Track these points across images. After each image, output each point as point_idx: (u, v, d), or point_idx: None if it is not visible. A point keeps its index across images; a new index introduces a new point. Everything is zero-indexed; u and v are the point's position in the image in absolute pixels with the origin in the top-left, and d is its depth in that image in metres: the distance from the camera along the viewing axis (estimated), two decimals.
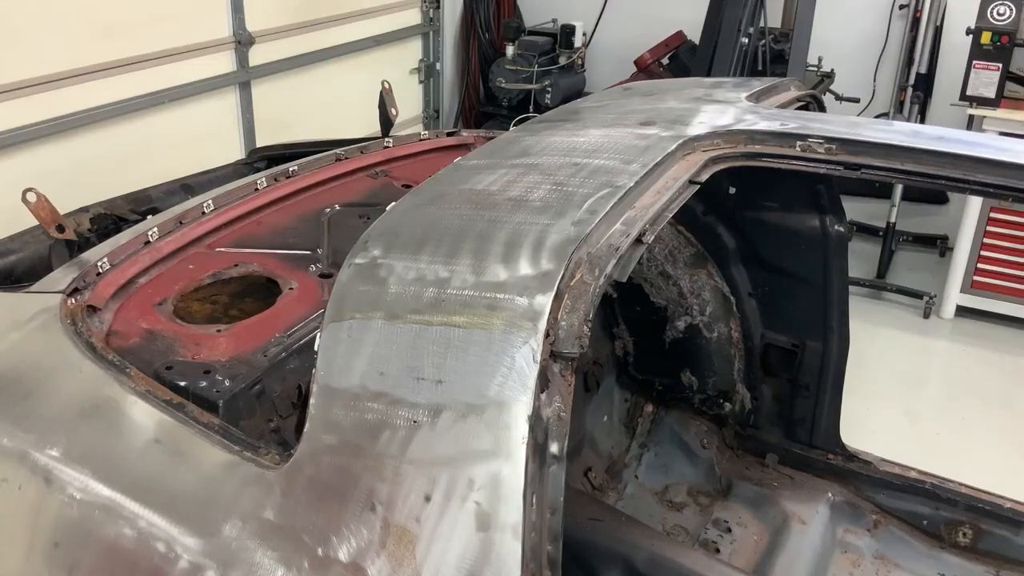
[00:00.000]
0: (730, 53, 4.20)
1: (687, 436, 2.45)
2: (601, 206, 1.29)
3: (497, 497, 1.02)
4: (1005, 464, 3.28)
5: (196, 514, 1.22)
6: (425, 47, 5.46)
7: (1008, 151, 1.54)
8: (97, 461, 1.32)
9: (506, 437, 1.04)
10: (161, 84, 3.56)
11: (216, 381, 1.42)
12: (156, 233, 1.83)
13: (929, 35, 4.56)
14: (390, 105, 2.55)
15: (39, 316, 1.56)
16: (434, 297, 1.17)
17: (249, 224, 2.00)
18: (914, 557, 2.20)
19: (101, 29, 3.28)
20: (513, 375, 1.07)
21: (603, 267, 1.18)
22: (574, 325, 1.11)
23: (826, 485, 2.30)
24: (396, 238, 1.30)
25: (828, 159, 1.60)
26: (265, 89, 4.14)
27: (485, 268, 1.19)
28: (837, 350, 2.22)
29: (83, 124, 3.27)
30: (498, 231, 1.25)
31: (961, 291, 4.32)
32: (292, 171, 2.18)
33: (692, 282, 2.28)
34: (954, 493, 2.17)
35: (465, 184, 1.45)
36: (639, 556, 1.81)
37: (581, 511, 1.87)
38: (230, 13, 3.87)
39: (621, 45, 5.39)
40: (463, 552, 1.02)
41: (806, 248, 2.13)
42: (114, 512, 1.25)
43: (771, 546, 2.21)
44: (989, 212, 4.15)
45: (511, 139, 1.71)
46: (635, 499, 2.39)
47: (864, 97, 4.84)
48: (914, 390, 3.86)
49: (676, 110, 1.81)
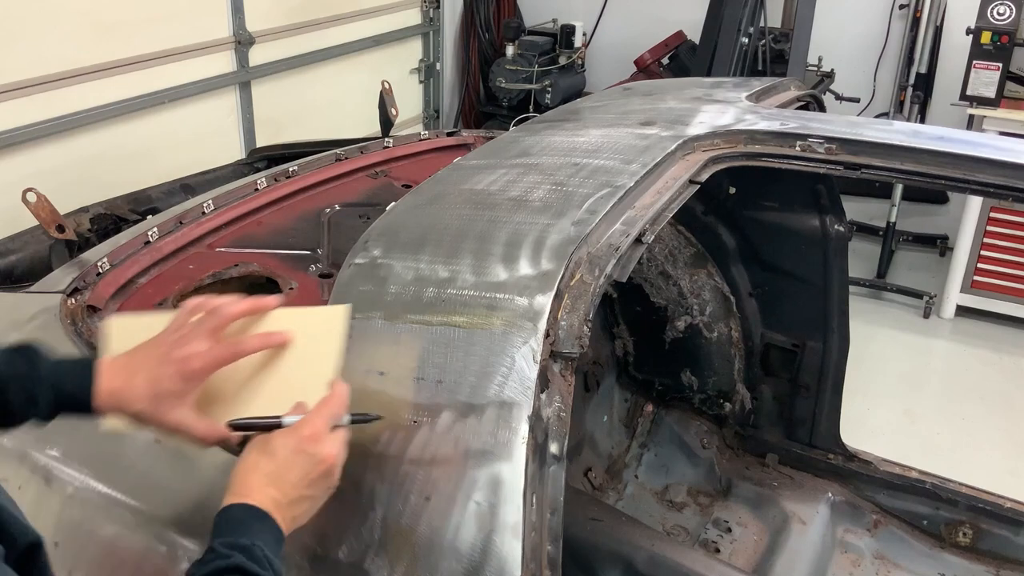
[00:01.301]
0: (730, 53, 4.20)
1: (687, 436, 2.45)
2: (601, 206, 1.29)
3: (497, 497, 1.02)
4: (1005, 464, 3.28)
5: (196, 514, 1.22)
6: (425, 47, 5.46)
7: (1008, 151, 1.54)
8: (97, 461, 1.32)
9: (506, 437, 1.04)
10: (161, 84, 3.56)
11: None
12: (156, 233, 1.83)
13: (929, 35, 4.56)
14: (390, 105, 2.55)
15: (39, 316, 1.56)
16: (434, 297, 1.18)
17: (249, 224, 2.00)
18: (914, 557, 2.20)
19: (101, 29, 3.28)
20: (513, 375, 1.08)
21: (603, 267, 1.18)
22: (574, 325, 1.11)
23: (826, 485, 2.30)
24: (396, 238, 1.30)
25: (828, 159, 1.60)
26: (265, 89, 4.14)
27: (485, 268, 1.19)
28: (837, 350, 2.22)
29: (83, 124, 3.27)
30: (498, 231, 1.25)
31: (961, 291, 4.31)
32: (292, 171, 2.18)
33: (692, 282, 2.28)
34: (954, 493, 2.17)
35: (465, 184, 1.45)
36: (639, 556, 1.81)
37: (581, 511, 1.86)
38: (230, 13, 3.87)
39: (621, 45, 5.39)
40: (463, 552, 1.02)
41: (806, 248, 2.13)
42: (114, 512, 1.25)
43: (771, 546, 2.21)
44: (989, 212, 4.14)
45: (511, 139, 1.71)
46: (635, 499, 2.39)
47: (864, 97, 4.83)
48: (914, 390, 3.85)
49: (676, 110, 1.81)
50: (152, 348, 1.08)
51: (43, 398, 1.06)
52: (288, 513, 0.98)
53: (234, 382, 1.10)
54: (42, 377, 1.06)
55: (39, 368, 1.07)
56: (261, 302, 1.12)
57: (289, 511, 0.98)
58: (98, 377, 1.06)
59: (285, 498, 0.98)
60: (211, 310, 1.09)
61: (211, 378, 1.08)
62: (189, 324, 1.08)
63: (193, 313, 1.10)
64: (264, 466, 1.00)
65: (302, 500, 1.00)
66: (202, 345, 1.06)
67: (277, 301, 1.13)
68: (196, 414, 1.06)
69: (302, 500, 1.00)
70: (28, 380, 1.06)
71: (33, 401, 1.06)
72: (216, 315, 1.08)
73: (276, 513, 0.97)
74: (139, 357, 1.08)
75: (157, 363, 1.06)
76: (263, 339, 1.09)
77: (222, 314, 1.09)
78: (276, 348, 1.11)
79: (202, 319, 1.08)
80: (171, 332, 1.09)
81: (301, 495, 0.99)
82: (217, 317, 1.08)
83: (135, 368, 1.06)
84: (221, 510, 0.97)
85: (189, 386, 1.05)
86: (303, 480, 0.99)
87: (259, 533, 0.94)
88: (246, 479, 0.99)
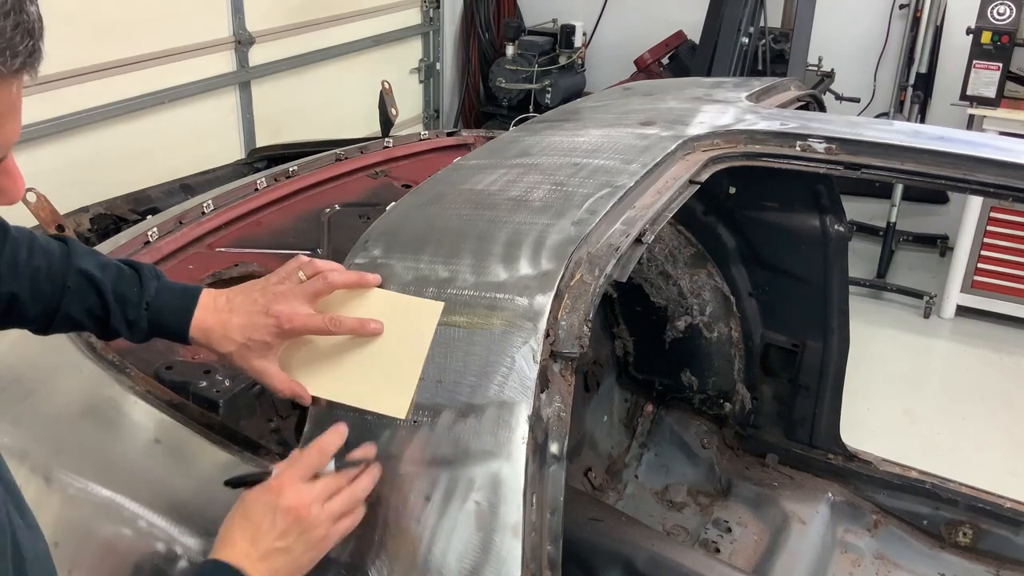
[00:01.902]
0: (730, 53, 4.20)
1: (687, 436, 2.45)
2: (601, 206, 1.29)
3: (497, 497, 1.02)
4: (1005, 464, 3.28)
5: (196, 514, 1.22)
6: (425, 47, 5.46)
7: (1008, 151, 1.54)
8: (97, 461, 1.32)
9: (506, 437, 1.04)
10: (161, 84, 3.56)
11: (216, 381, 1.42)
12: (156, 233, 1.83)
13: (929, 35, 4.56)
14: (390, 105, 2.55)
15: None
16: (434, 297, 1.17)
17: (249, 224, 2.00)
18: (914, 557, 2.20)
19: (101, 29, 3.28)
20: (513, 375, 1.08)
21: (603, 267, 1.18)
22: (574, 325, 1.11)
23: (826, 485, 2.30)
24: (396, 238, 1.30)
25: (828, 159, 1.60)
26: (265, 89, 4.14)
27: (485, 268, 1.19)
28: (837, 350, 2.22)
29: (83, 124, 3.27)
30: (498, 231, 1.25)
31: (961, 291, 4.31)
32: (292, 171, 2.18)
33: (692, 282, 2.28)
34: (954, 493, 2.17)
35: (465, 184, 1.44)
36: (639, 556, 1.80)
37: (581, 511, 1.86)
38: (230, 13, 3.87)
39: (621, 45, 5.39)
40: (463, 552, 1.02)
41: (806, 248, 2.13)
42: (114, 512, 1.25)
43: (771, 546, 2.21)
44: (989, 212, 4.14)
45: (511, 139, 1.71)
46: (635, 499, 2.39)
47: (864, 97, 4.83)
48: (914, 390, 3.85)
49: (676, 110, 1.81)
50: (254, 293, 1.13)
51: (142, 323, 1.12)
52: (263, 566, 1.00)
53: (322, 349, 1.15)
54: (146, 304, 1.12)
55: (145, 293, 1.13)
56: (365, 277, 1.16)
57: (263, 564, 1.00)
58: (197, 311, 1.12)
59: (256, 552, 1.00)
60: (318, 274, 1.13)
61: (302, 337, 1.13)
62: (294, 278, 1.13)
63: (300, 268, 1.14)
64: (239, 521, 1.03)
65: (275, 553, 1.00)
66: (301, 307, 1.11)
67: (378, 279, 1.17)
68: (277, 366, 1.12)
69: (275, 553, 1.00)
70: (132, 306, 1.12)
71: (132, 325, 1.13)
72: (322, 280, 1.12)
73: (250, 567, 0.98)
74: (239, 299, 1.13)
75: (255, 312, 1.11)
76: (360, 324, 1.12)
77: (327, 281, 1.13)
78: (362, 310, 1.15)
79: (308, 282, 1.12)
80: (274, 282, 1.13)
81: (273, 547, 1.00)
82: (322, 282, 1.12)
83: (233, 310, 1.12)
84: (200, 564, 1.02)
85: (279, 341, 1.11)
86: (271, 533, 1.01)
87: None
88: (227, 533, 1.02)
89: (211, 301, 1.14)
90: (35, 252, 1.11)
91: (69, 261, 1.13)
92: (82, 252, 1.15)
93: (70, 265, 1.12)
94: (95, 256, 1.16)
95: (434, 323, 1.14)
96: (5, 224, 1.12)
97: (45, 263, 1.11)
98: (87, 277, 1.12)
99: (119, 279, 1.13)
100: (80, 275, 1.12)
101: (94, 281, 1.12)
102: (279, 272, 1.15)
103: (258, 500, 1.03)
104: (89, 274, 1.12)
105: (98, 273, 1.12)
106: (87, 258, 1.14)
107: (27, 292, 1.10)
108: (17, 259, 1.10)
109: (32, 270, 1.10)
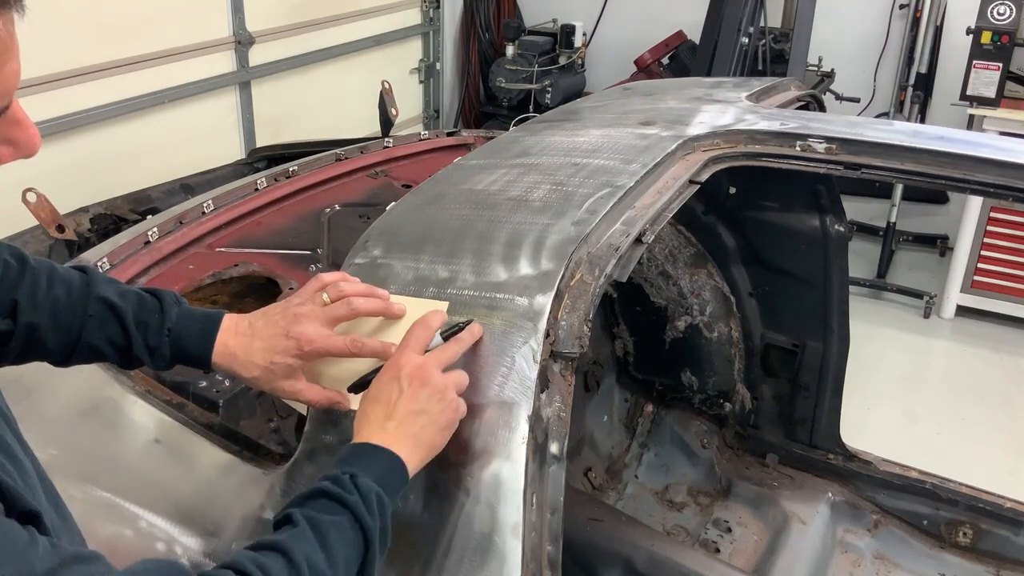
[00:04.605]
0: (730, 53, 4.20)
1: (687, 436, 2.45)
2: (601, 206, 1.29)
3: (497, 497, 1.03)
4: (1005, 464, 3.28)
5: (196, 514, 1.22)
6: (425, 47, 5.46)
7: (1008, 151, 1.54)
8: (97, 461, 1.32)
9: (506, 437, 1.05)
10: (161, 84, 3.56)
11: (216, 381, 1.42)
12: (156, 233, 1.83)
13: (929, 35, 4.56)
14: (390, 105, 2.55)
15: None
16: (434, 297, 1.18)
17: (249, 224, 2.00)
18: (914, 557, 2.20)
19: (101, 29, 3.28)
20: (513, 375, 1.08)
21: (603, 267, 1.18)
22: (574, 325, 1.11)
23: (826, 485, 2.30)
24: (396, 238, 1.30)
25: (828, 159, 1.60)
26: (265, 89, 4.14)
27: (485, 268, 1.19)
28: (837, 350, 2.22)
29: (83, 124, 3.27)
30: (498, 231, 1.25)
31: (961, 291, 4.31)
32: (292, 171, 2.18)
33: (692, 282, 2.28)
34: (954, 493, 2.17)
35: (465, 184, 1.45)
36: (639, 556, 1.81)
37: (581, 511, 1.86)
38: (230, 13, 3.87)
39: (621, 45, 5.39)
40: (463, 552, 1.02)
41: (806, 248, 2.13)
42: (114, 512, 1.25)
43: (771, 546, 2.21)
44: (989, 212, 4.14)
45: (511, 139, 1.71)
46: (635, 499, 2.39)
47: (864, 97, 4.83)
48: (914, 390, 3.85)
49: (676, 110, 1.81)
50: (274, 315, 1.12)
51: (164, 350, 1.11)
52: (402, 432, 1.00)
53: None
54: (168, 330, 1.11)
55: (167, 320, 1.11)
56: (391, 309, 1.15)
57: (402, 430, 1.00)
58: (219, 336, 1.11)
59: (394, 422, 1.01)
60: (343, 299, 1.12)
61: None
62: (316, 299, 1.12)
63: (324, 288, 1.13)
64: (369, 406, 1.04)
65: (412, 417, 1.01)
66: (322, 330, 1.10)
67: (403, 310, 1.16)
68: (306, 382, 1.12)
69: (412, 417, 1.01)
70: (154, 333, 1.11)
71: (154, 352, 1.11)
72: (345, 307, 1.12)
73: (385, 438, 1.00)
74: (260, 323, 1.12)
75: (276, 334, 1.10)
76: (383, 348, 1.11)
77: (352, 308, 1.12)
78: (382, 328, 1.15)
79: (331, 305, 1.12)
80: (296, 303, 1.13)
81: (409, 411, 1.01)
82: (345, 309, 1.12)
83: (255, 334, 1.11)
84: (343, 448, 1.02)
85: (300, 363, 1.10)
86: (403, 400, 1.01)
87: (359, 464, 0.97)
88: (361, 419, 1.04)
89: (233, 325, 1.12)
90: (55, 282, 1.09)
91: (89, 290, 1.10)
92: (102, 280, 1.13)
93: (90, 294, 1.10)
94: (115, 284, 1.14)
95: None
96: (24, 254, 1.10)
97: (65, 292, 1.09)
98: (108, 305, 1.10)
99: (140, 306, 1.11)
100: (101, 303, 1.10)
101: (115, 309, 1.10)
102: (301, 292, 1.14)
103: (380, 380, 1.05)
104: (110, 302, 1.10)
105: (119, 301, 1.10)
106: (107, 286, 1.12)
107: (47, 322, 1.08)
108: (36, 289, 1.07)
109: (52, 300, 1.08)
